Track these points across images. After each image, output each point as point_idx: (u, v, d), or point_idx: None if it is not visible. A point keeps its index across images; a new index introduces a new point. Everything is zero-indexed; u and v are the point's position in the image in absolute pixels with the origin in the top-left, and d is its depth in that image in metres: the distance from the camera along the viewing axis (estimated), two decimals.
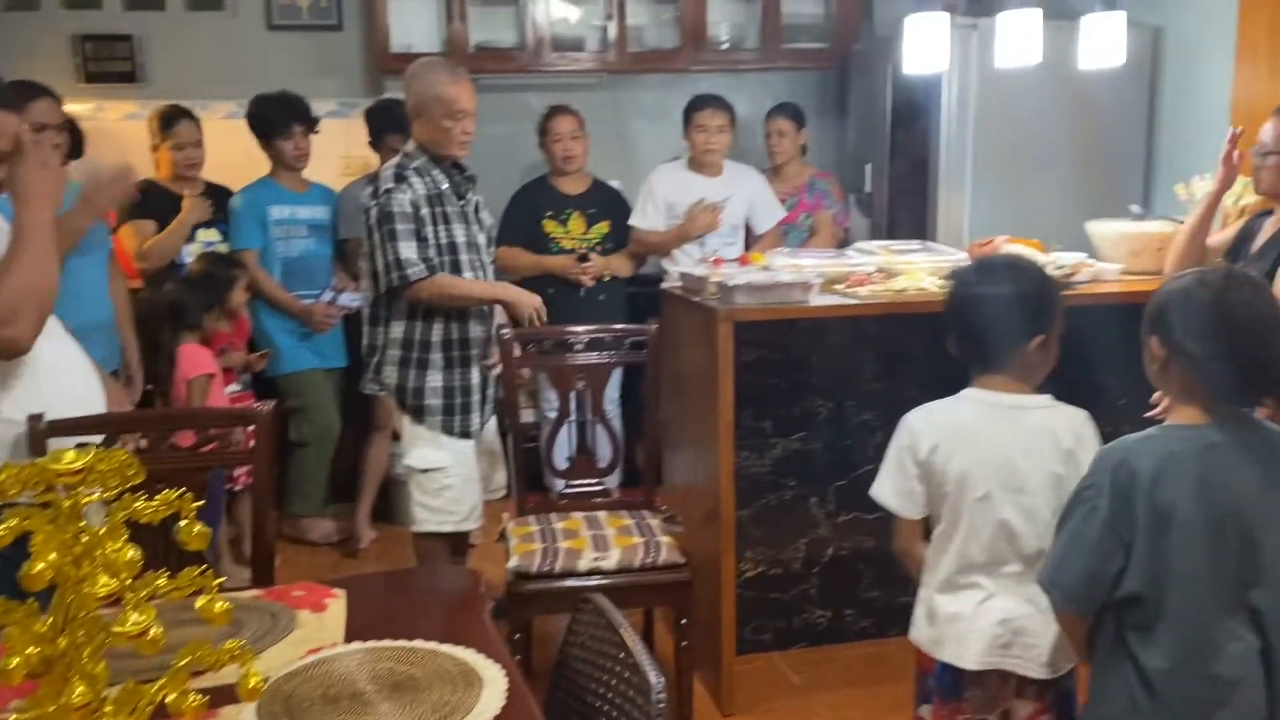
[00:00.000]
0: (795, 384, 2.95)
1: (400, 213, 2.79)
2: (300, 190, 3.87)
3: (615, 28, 4.44)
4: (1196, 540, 1.56)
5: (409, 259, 2.78)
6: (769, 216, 4.05)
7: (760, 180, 4.08)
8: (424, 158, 2.86)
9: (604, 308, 3.92)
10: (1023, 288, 1.87)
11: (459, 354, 2.92)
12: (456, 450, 2.91)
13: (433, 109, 2.80)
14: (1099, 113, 3.82)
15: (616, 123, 4.80)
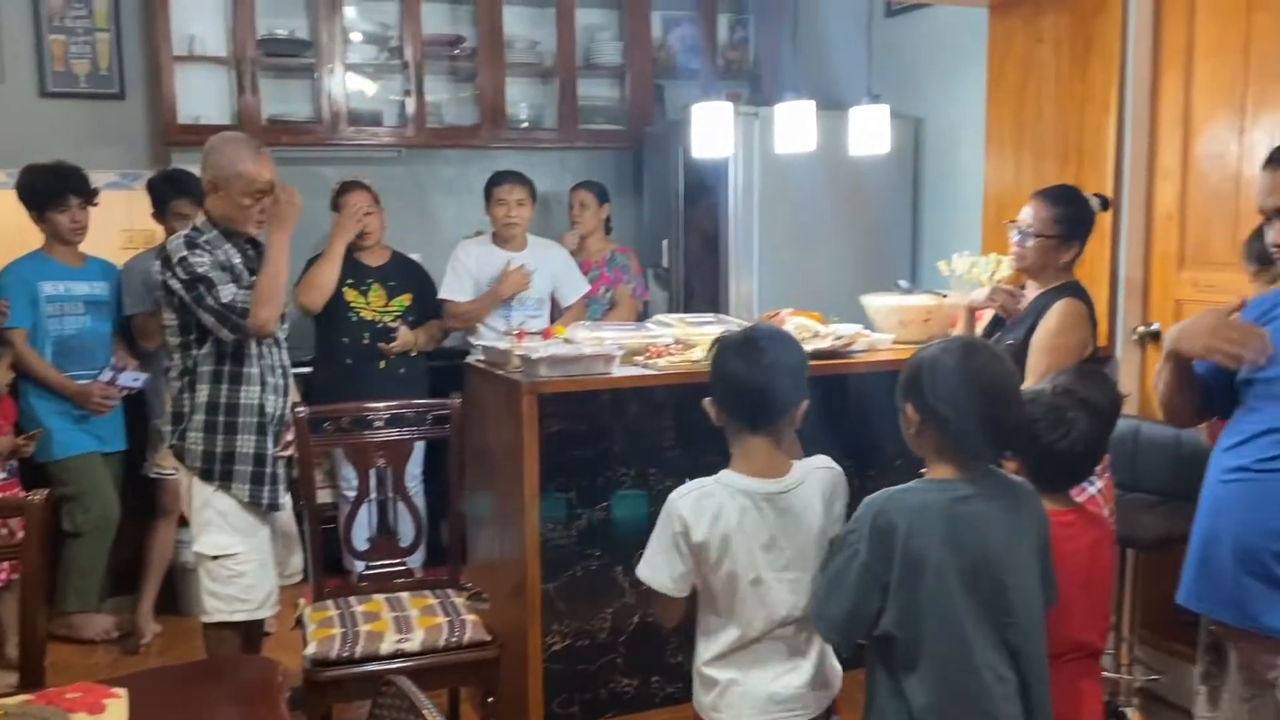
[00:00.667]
0: (599, 454, 3.00)
1: (205, 274, 2.68)
2: (76, 265, 3.66)
3: (414, 103, 4.47)
4: (950, 585, 1.70)
5: (240, 304, 2.69)
6: (574, 290, 4.15)
7: (564, 255, 4.18)
8: (215, 231, 2.79)
9: (405, 381, 3.88)
10: (790, 357, 1.96)
11: (260, 420, 2.81)
12: (251, 533, 2.79)
13: (232, 185, 2.74)
14: (870, 195, 4.15)
15: (416, 196, 4.81)
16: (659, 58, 4.91)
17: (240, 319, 2.69)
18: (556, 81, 4.71)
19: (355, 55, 4.48)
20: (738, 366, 1.92)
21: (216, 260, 2.74)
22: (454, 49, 4.62)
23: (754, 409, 1.92)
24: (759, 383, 1.90)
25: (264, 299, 2.71)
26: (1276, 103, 3.03)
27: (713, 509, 1.90)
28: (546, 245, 4.17)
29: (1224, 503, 1.97)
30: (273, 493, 2.82)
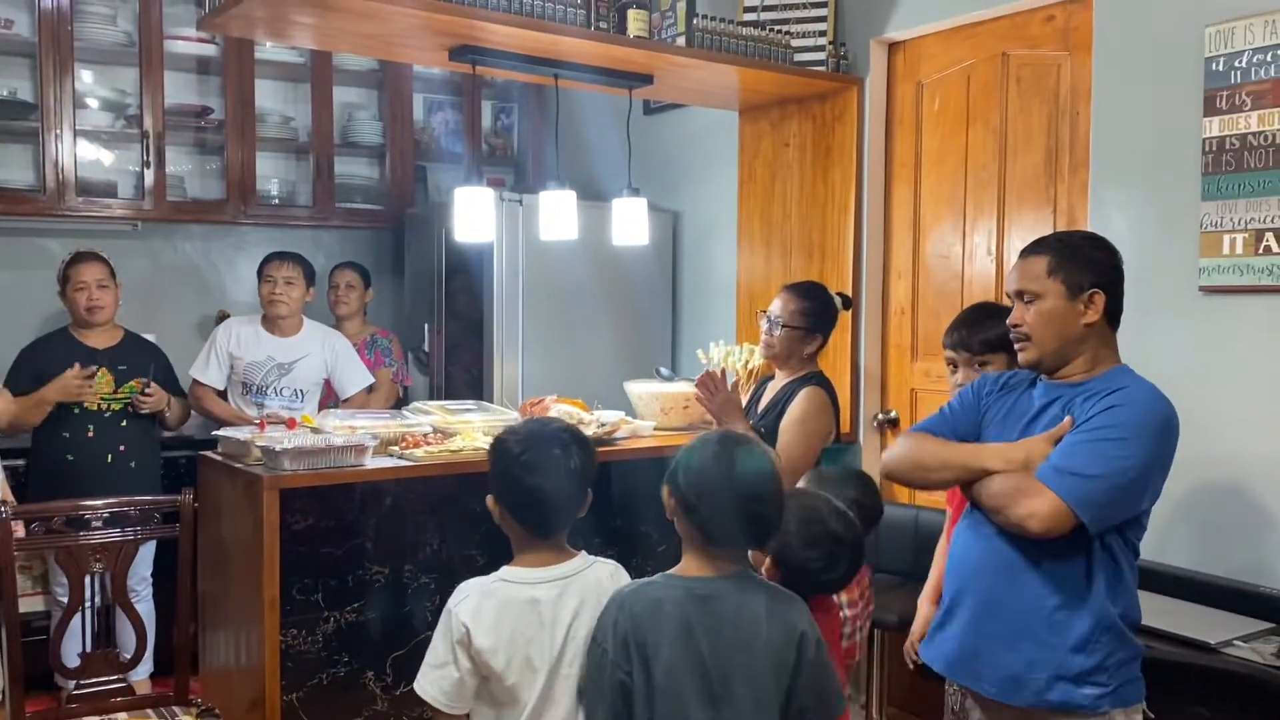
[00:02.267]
0: (350, 552, 2.82)
1: None
2: None
3: (153, 175, 4.18)
4: (680, 683, 1.68)
5: None
6: (354, 381, 3.98)
7: (344, 344, 4.01)
8: None
9: (137, 476, 3.54)
10: (583, 458, 1.89)
11: None
12: None
13: None
14: (631, 284, 4.23)
15: (154, 273, 4.48)
16: (421, 140, 4.85)
17: None
18: (311, 158, 4.55)
19: (87, 121, 4.15)
20: (528, 477, 1.85)
21: None
22: (200, 120, 4.38)
23: (541, 519, 1.87)
24: (550, 493, 1.85)
25: None
26: (991, 207, 3.34)
27: (490, 608, 1.81)
28: (325, 333, 3.99)
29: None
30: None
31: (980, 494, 1.97)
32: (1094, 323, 1.97)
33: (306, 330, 3.94)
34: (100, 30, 4.13)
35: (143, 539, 2.73)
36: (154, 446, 3.69)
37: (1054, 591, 1.92)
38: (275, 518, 2.57)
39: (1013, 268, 2.06)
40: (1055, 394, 2.00)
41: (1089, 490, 1.85)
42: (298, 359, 3.87)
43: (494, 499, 1.91)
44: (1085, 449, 1.87)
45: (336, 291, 4.20)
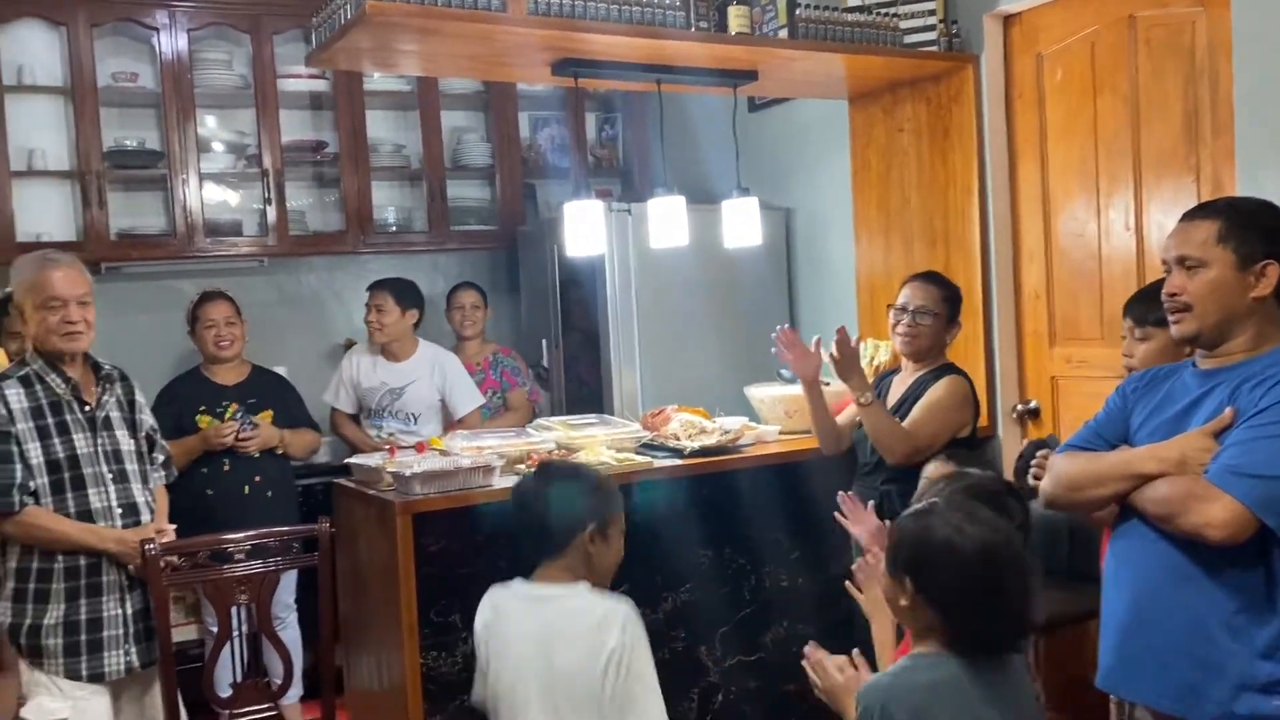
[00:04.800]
0: (485, 571, 2.81)
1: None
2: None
3: (275, 211, 4.31)
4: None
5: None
6: (466, 401, 4.01)
7: (455, 364, 4.06)
8: (41, 361, 2.60)
9: (274, 506, 3.62)
10: (571, 487, 2.12)
11: (87, 581, 2.56)
12: (82, 697, 2.52)
13: (27, 301, 2.58)
14: (746, 286, 4.15)
15: (281, 307, 4.61)
16: (528, 157, 4.88)
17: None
18: (424, 184, 4.62)
19: (211, 165, 4.31)
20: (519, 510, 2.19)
21: (15, 409, 2.54)
22: (316, 154, 4.50)
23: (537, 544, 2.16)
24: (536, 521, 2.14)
25: None
26: (1126, 180, 3.14)
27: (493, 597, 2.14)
28: (435, 355, 4.05)
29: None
30: (94, 663, 2.56)
31: (1143, 502, 1.82)
32: (1263, 297, 1.81)
33: (419, 354, 4.01)
34: (217, 75, 4.28)
35: (284, 568, 2.78)
36: (289, 476, 3.78)
37: (1233, 596, 1.76)
38: (409, 542, 2.59)
39: (1173, 232, 1.91)
40: (1213, 380, 1.85)
41: (1272, 492, 1.69)
42: (408, 383, 3.95)
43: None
44: (1263, 446, 1.71)
45: (462, 312, 4.23)
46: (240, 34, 4.28)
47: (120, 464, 2.66)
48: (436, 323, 4.61)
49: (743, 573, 3.16)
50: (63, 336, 2.57)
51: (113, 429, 2.67)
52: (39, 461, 2.53)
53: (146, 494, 2.72)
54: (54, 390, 2.59)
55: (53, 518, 2.54)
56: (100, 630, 2.57)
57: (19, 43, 4.00)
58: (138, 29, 4.15)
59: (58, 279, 2.56)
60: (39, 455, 2.54)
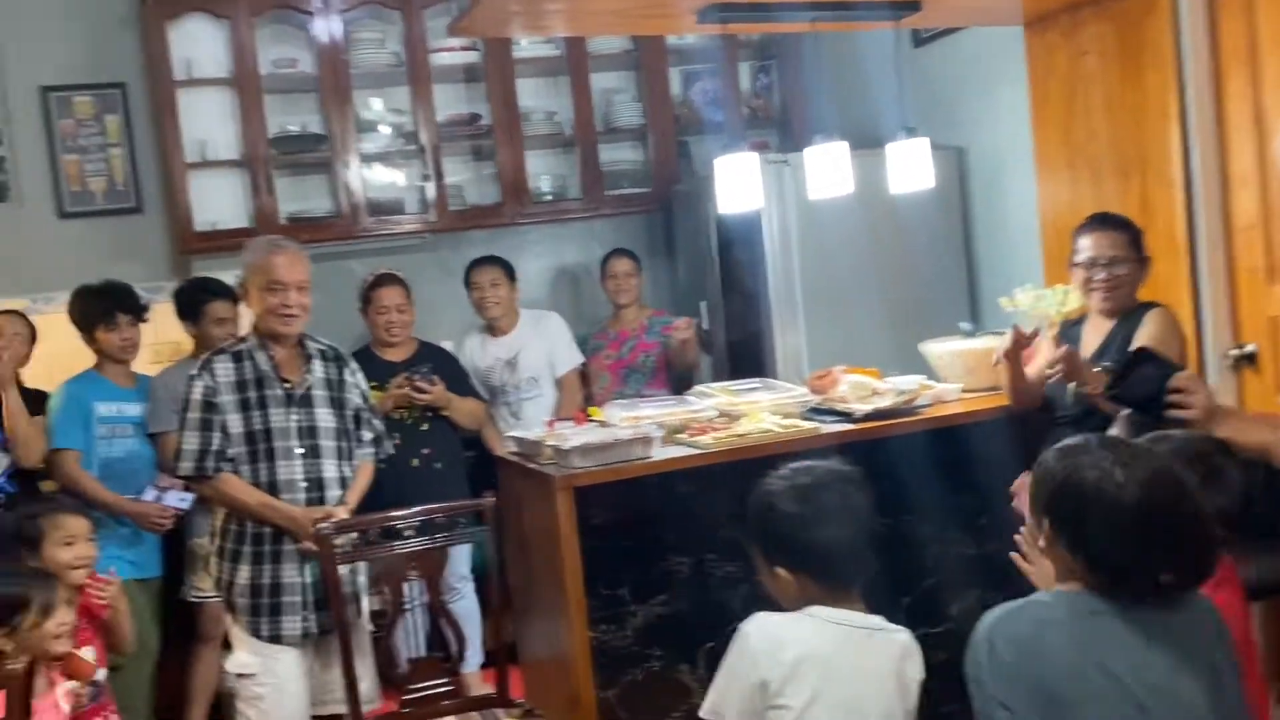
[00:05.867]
0: (649, 544, 2.76)
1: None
2: (128, 385, 3.51)
3: (434, 188, 4.34)
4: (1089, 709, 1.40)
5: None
6: (565, 360, 3.97)
7: (558, 323, 4.03)
8: (255, 339, 2.77)
9: (443, 478, 3.64)
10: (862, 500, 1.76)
11: (271, 548, 2.71)
12: (271, 655, 2.66)
13: (252, 282, 2.73)
14: (917, 234, 3.88)
15: (445, 281, 4.64)
16: (681, 114, 4.73)
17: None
18: (577, 150, 4.56)
19: (370, 145, 4.37)
20: (807, 532, 1.71)
21: (220, 382, 2.72)
22: (470, 128, 4.50)
23: (838, 571, 1.74)
24: (835, 542, 1.72)
25: None
26: None
27: (791, 637, 1.68)
28: (538, 317, 4.03)
29: None
30: (274, 625, 2.70)
31: None
32: None
33: (521, 321, 3.99)
34: (372, 55, 4.33)
35: (452, 543, 2.79)
36: (456, 449, 3.80)
37: None
38: (571, 516, 2.54)
39: None
40: None
41: None
42: (519, 351, 3.91)
43: (764, 556, 1.75)
44: None
45: (616, 281, 4.14)
46: (391, 11, 4.31)
47: (314, 440, 2.77)
48: (591, 291, 4.57)
49: (926, 541, 2.97)
50: (279, 319, 2.71)
51: (313, 406, 2.78)
52: (239, 432, 2.70)
53: (343, 469, 2.82)
54: (259, 366, 2.74)
55: (241, 486, 2.70)
56: (280, 595, 2.71)
57: (187, 38, 4.14)
58: (295, 15, 4.23)
59: (281, 264, 2.70)
60: (239, 426, 2.70)
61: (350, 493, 2.85)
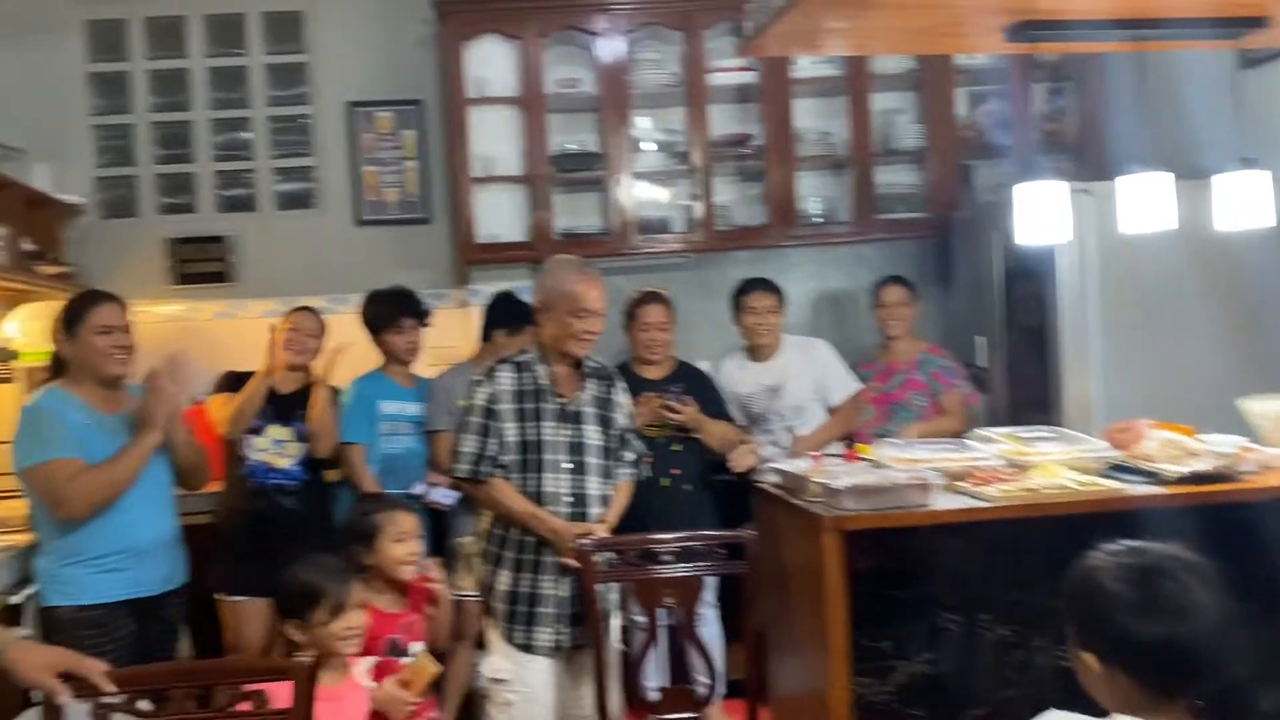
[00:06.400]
0: (918, 597, 2.58)
1: (475, 405, 2.80)
2: (409, 385, 3.72)
3: (702, 207, 4.32)
4: None
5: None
6: (841, 387, 3.78)
7: (827, 352, 3.84)
8: (537, 352, 2.84)
9: (691, 500, 3.59)
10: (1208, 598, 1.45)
11: (532, 557, 2.76)
12: (524, 662, 2.69)
13: (558, 304, 2.78)
14: (1246, 275, 3.41)
15: (706, 301, 4.62)
16: (965, 137, 4.48)
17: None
18: (850, 172, 4.41)
19: (643, 164, 4.42)
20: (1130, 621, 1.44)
21: (501, 390, 2.79)
22: (741, 148, 4.45)
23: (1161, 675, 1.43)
24: (1163, 640, 1.42)
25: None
26: None
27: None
28: (805, 344, 3.86)
29: None
30: (527, 635, 2.73)
31: None
32: None
33: (785, 347, 3.82)
34: (652, 75, 4.37)
35: (709, 573, 2.72)
36: (708, 471, 3.73)
37: None
38: (839, 560, 2.40)
39: None
40: None
41: None
42: (783, 378, 3.75)
43: (1081, 642, 1.51)
44: None
45: (887, 310, 3.95)
46: (672, 32, 4.34)
47: (581, 456, 2.81)
48: (857, 318, 4.40)
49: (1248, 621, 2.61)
50: (580, 343, 2.79)
51: (582, 423, 2.82)
52: (513, 440, 2.78)
53: (605, 487, 2.84)
54: (539, 379, 2.81)
55: (511, 493, 2.77)
56: (536, 605, 2.75)
57: (480, 58, 4.33)
58: (580, 36, 4.34)
59: (592, 293, 2.78)
60: (514, 435, 2.78)
61: (610, 511, 2.86)
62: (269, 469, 3.48)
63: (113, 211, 4.58)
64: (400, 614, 2.52)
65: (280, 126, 4.66)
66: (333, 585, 2.23)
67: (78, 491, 2.62)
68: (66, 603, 2.69)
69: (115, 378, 2.79)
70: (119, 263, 4.46)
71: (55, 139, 4.43)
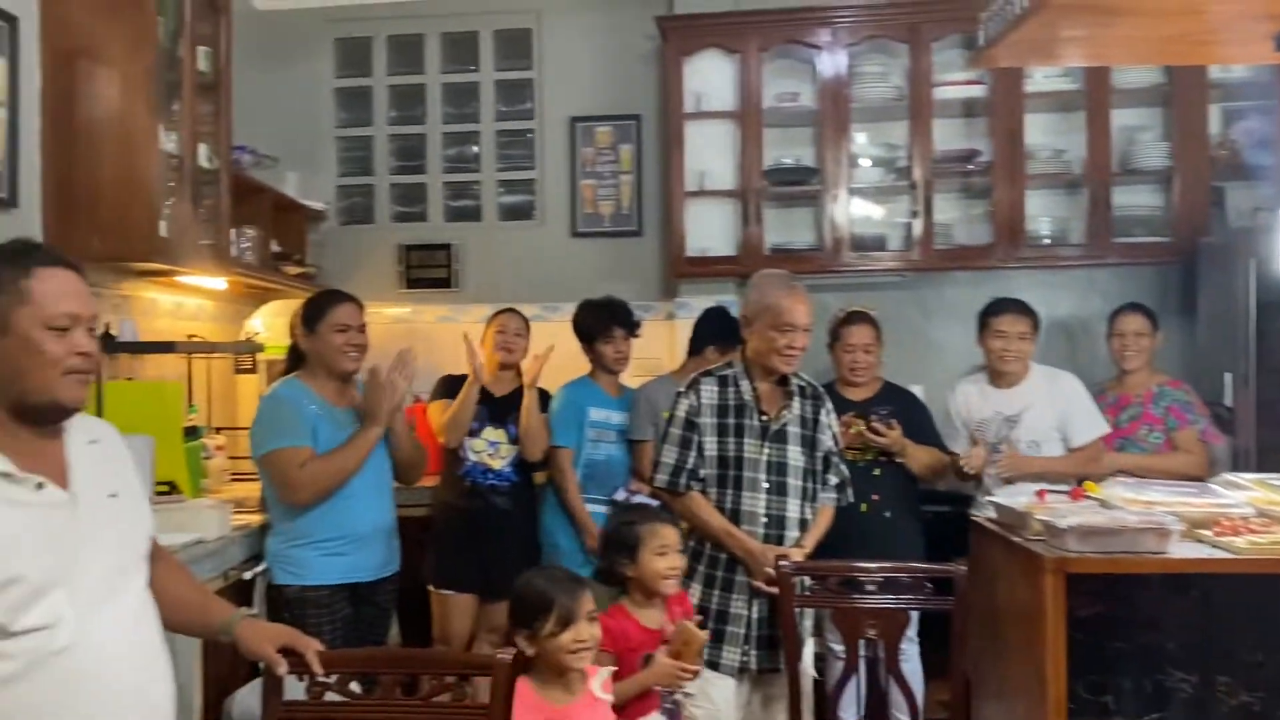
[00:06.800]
0: (1146, 650, 2.38)
1: (677, 417, 2.81)
2: (615, 394, 3.77)
3: (921, 225, 4.17)
4: None
5: (663, 464, 2.80)
6: (1088, 428, 3.48)
7: (1076, 386, 3.54)
8: (741, 366, 2.82)
9: (893, 527, 3.41)
10: None
11: (723, 575, 2.74)
12: (709, 680, 2.63)
13: (762, 318, 2.76)
14: None
15: (921, 322, 4.46)
16: (1217, 157, 4.12)
17: (654, 485, 2.85)
18: (1085, 191, 4.14)
19: (860, 179, 4.31)
20: None
21: (702, 404, 2.78)
22: (966, 164, 4.27)
23: None
24: None
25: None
26: None
27: None
28: (1052, 375, 3.57)
29: None
30: (714, 652, 2.68)
31: None
32: None
33: (1032, 376, 3.55)
34: (873, 89, 4.26)
35: (915, 607, 2.60)
36: (911, 499, 3.56)
37: None
38: (1060, 605, 2.23)
39: None
40: None
41: None
42: (1024, 409, 3.48)
43: None
44: None
45: (1123, 339, 3.65)
46: (898, 45, 4.22)
47: (782, 476, 2.76)
48: (1089, 347, 4.13)
49: None
50: (782, 358, 2.75)
51: (785, 442, 2.78)
52: (712, 455, 2.76)
53: (805, 510, 2.78)
54: (742, 395, 2.78)
55: (707, 508, 2.75)
56: (725, 623, 2.71)
57: (699, 73, 4.35)
58: (801, 50, 4.29)
59: (797, 308, 2.75)
60: (714, 449, 2.77)
61: (808, 535, 2.78)
62: (485, 469, 3.60)
63: (351, 218, 4.90)
64: (659, 630, 2.40)
65: (506, 140, 4.85)
66: (562, 596, 2.09)
67: (307, 477, 2.79)
68: (293, 582, 2.86)
69: (348, 373, 2.96)
70: (354, 266, 4.77)
71: (305, 149, 4.78)
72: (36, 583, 1.53)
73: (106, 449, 1.73)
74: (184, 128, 3.30)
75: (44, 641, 1.53)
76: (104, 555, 1.63)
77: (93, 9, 3.08)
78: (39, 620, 1.52)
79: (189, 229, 3.31)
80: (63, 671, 1.54)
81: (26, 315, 1.56)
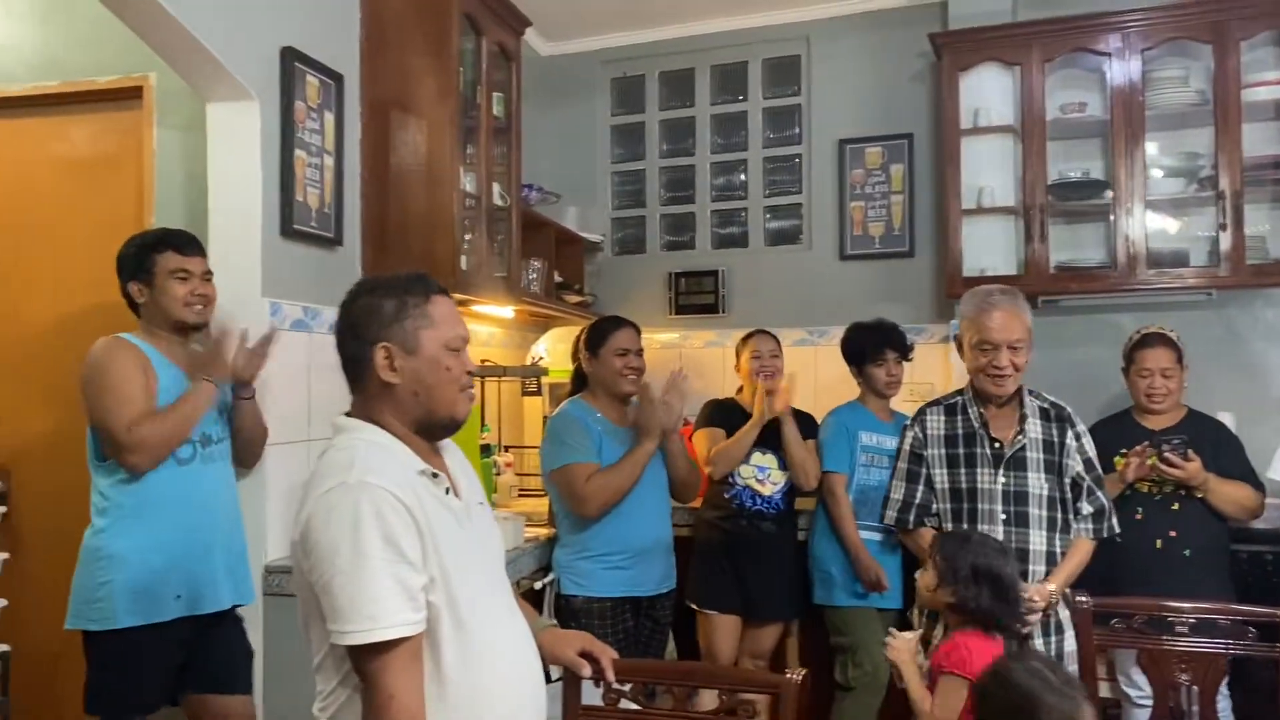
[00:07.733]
0: None
1: (903, 450, 2.82)
2: (887, 420, 3.70)
3: (1230, 238, 3.81)
4: None
5: (891, 499, 2.80)
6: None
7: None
8: (971, 392, 2.72)
9: (1194, 568, 3.12)
10: None
11: None
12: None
13: (965, 337, 2.68)
14: None
15: (1226, 344, 4.08)
16: None
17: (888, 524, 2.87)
18: None
19: (1156, 190, 4.01)
20: None
21: (926, 435, 2.77)
22: None
23: None
24: None
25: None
26: None
27: None
28: None
29: None
30: None
31: None
32: None
33: None
34: (1170, 95, 3.96)
35: (1232, 654, 2.36)
36: (1216, 538, 3.22)
37: None
38: None
39: None
40: None
41: None
42: None
43: None
44: None
45: None
46: (1200, 46, 3.90)
47: (1022, 506, 2.61)
48: None
49: None
50: (989, 379, 2.63)
51: (1024, 469, 2.63)
52: (944, 488, 2.70)
53: (1053, 542, 2.62)
54: (970, 422, 2.69)
55: (919, 543, 2.73)
56: None
57: (975, 88, 4.20)
58: (1088, 58, 4.06)
59: (994, 323, 2.61)
60: (944, 482, 2.70)
61: (1058, 571, 2.60)
62: (753, 494, 3.62)
63: (625, 248, 5.10)
64: None
65: (773, 166, 4.90)
66: (1058, 701, 1.61)
67: (594, 490, 2.93)
68: (580, 593, 3.00)
69: (627, 394, 3.09)
70: (627, 293, 4.95)
71: (584, 184, 5.04)
72: (476, 584, 1.66)
73: (463, 462, 1.87)
74: (480, 168, 3.57)
75: (490, 636, 1.65)
76: (491, 558, 1.78)
77: (405, 63, 3.40)
78: (483, 616, 1.65)
79: (485, 262, 3.57)
80: (503, 663, 1.67)
81: (432, 337, 1.69)
